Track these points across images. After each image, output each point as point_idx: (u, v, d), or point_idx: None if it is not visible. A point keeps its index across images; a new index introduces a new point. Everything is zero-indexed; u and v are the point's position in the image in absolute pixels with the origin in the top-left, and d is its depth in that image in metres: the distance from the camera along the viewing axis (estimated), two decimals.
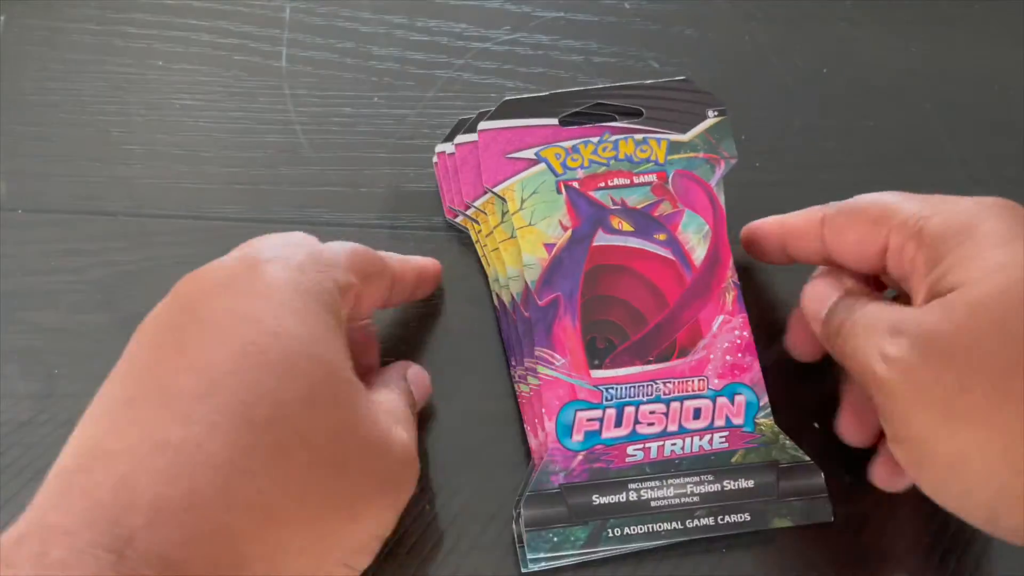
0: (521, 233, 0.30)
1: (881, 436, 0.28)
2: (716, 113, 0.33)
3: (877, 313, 0.25)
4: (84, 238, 0.34)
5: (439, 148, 0.33)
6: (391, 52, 0.37)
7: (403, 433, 0.24)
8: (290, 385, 0.20)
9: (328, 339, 0.22)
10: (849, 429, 0.29)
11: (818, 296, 0.28)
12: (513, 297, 0.30)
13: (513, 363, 0.30)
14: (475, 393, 0.31)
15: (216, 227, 0.34)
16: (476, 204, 0.32)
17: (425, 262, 0.31)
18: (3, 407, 0.31)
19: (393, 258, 0.28)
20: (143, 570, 0.18)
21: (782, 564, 0.29)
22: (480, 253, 0.32)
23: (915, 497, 0.29)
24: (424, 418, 0.31)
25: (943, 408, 0.22)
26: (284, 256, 0.23)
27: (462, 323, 0.32)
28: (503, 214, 0.31)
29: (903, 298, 0.27)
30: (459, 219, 0.33)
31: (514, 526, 0.28)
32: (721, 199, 0.32)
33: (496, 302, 0.32)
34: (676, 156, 0.32)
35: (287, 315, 0.21)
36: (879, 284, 0.29)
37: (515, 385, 0.30)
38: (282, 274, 0.22)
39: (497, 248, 0.31)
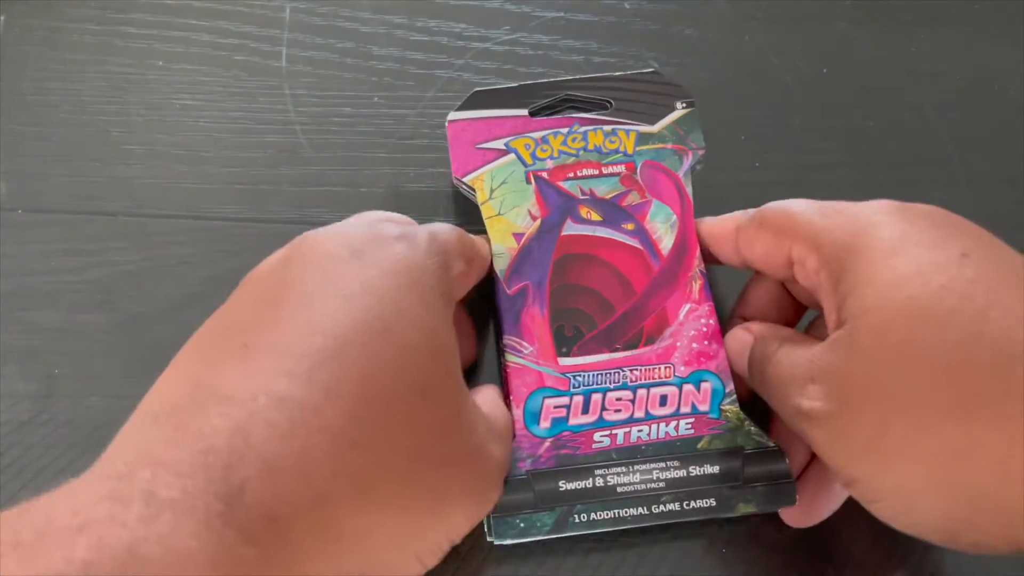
0: (490, 223, 0.31)
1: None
2: (684, 105, 0.33)
3: (789, 360, 0.24)
4: (84, 238, 0.34)
5: (450, 117, 0.33)
6: (391, 52, 0.37)
7: (497, 451, 0.24)
8: (409, 370, 0.20)
9: (447, 331, 0.22)
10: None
11: (735, 349, 0.28)
12: (496, 273, 0.31)
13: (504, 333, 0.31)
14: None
15: (216, 227, 0.34)
16: (466, 180, 0.32)
17: (484, 242, 0.30)
18: (3, 407, 0.31)
19: (477, 240, 0.29)
20: (250, 524, 0.17)
21: (783, 564, 0.29)
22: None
23: None
24: None
25: (870, 449, 0.21)
26: (409, 235, 0.23)
27: (459, 324, 0.32)
28: (491, 191, 0.32)
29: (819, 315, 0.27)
30: (463, 186, 0.33)
31: None
32: (689, 190, 0.32)
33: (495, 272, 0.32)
34: (644, 147, 0.32)
35: (414, 298, 0.21)
36: (795, 305, 0.30)
37: (503, 357, 0.30)
38: (411, 255, 0.22)
39: (487, 221, 0.32)
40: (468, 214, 0.34)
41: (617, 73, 0.34)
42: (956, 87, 0.37)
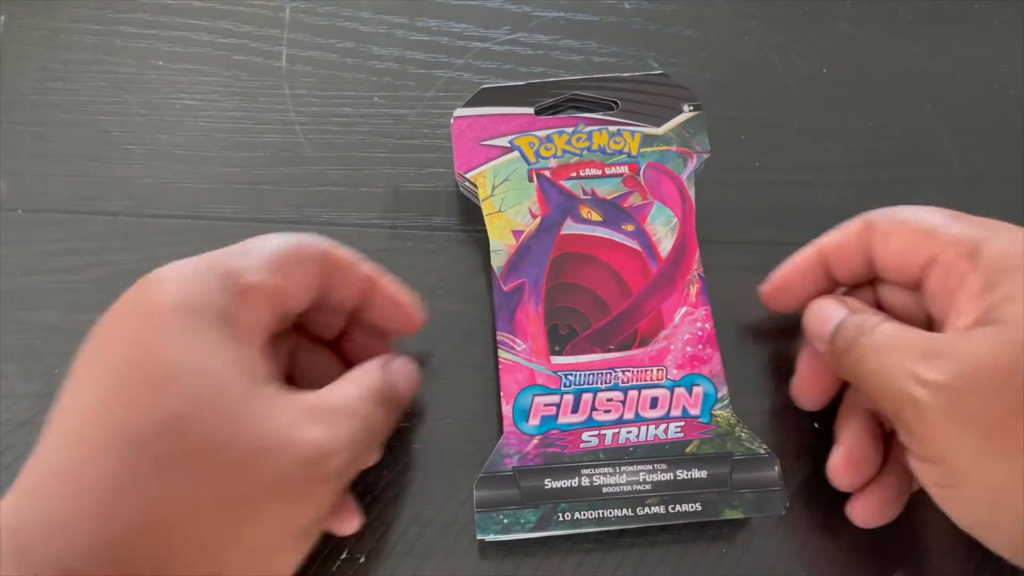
0: (490, 219, 0.31)
1: (874, 472, 0.28)
2: (691, 108, 0.33)
3: (901, 333, 0.25)
4: (84, 238, 0.34)
5: (456, 113, 0.33)
6: (391, 52, 0.37)
7: (316, 431, 0.23)
8: (168, 400, 0.21)
9: (212, 351, 0.22)
10: (804, 391, 0.29)
11: (823, 315, 0.28)
12: (494, 270, 0.31)
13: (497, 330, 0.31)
14: (467, 394, 0.31)
15: (216, 227, 0.34)
16: (469, 176, 0.32)
17: (386, 282, 0.28)
18: (3, 407, 0.31)
19: (335, 254, 0.27)
20: (43, 571, 0.19)
21: (782, 564, 0.29)
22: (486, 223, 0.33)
23: (915, 501, 0.29)
24: (416, 420, 0.31)
25: (988, 436, 0.22)
26: (175, 274, 0.24)
27: (461, 323, 0.32)
28: (493, 188, 0.32)
29: (909, 322, 0.27)
30: (465, 184, 0.33)
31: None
32: (692, 193, 0.32)
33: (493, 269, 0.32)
34: (649, 149, 0.32)
35: (170, 334, 0.22)
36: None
37: (498, 352, 0.30)
38: (168, 295, 0.23)
39: (488, 217, 0.32)
40: (468, 214, 0.34)
41: (625, 74, 0.34)
42: (956, 87, 0.37)
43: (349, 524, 0.27)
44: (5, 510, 0.21)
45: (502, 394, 0.29)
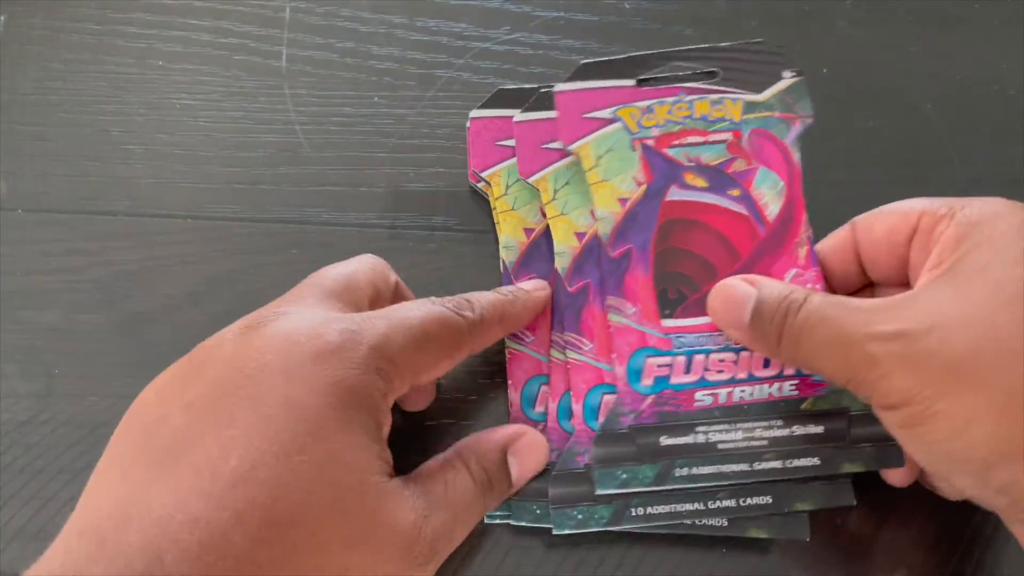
0: (595, 188, 0.31)
1: None
2: (793, 74, 0.33)
3: (837, 300, 0.25)
4: (84, 238, 0.34)
5: (473, 114, 0.34)
6: (391, 52, 0.37)
7: (425, 533, 0.24)
8: (318, 490, 0.22)
9: (363, 445, 0.23)
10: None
11: (731, 298, 0.28)
12: (506, 264, 0.31)
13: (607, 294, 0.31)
14: (474, 389, 0.31)
15: (216, 227, 0.34)
16: (484, 175, 0.33)
17: (526, 310, 0.29)
18: (3, 407, 0.31)
19: (482, 322, 0.27)
20: None
21: (782, 564, 0.29)
22: (495, 220, 0.33)
23: (917, 499, 0.29)
24: (426, 428, 0.31)
25: (948, 372, 0.22)
26: (348, 347, 0.23)
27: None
28: (507, 187, 0.33)
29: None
30: (480, 184, 0.34)
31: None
32: (797, 158, 0.32)
33: (502, 267, 0.32)
34: (751, 115, 0.32)
35: (333, 418, 0.22)
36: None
37: (608, 316, 0.31)
38: (341, 372, 0.23)
39: (501, 215, 0.33)
40: (468, 214, 0.34)
41: (723, 43, 0.34)
42: (956, 87, 0.37)
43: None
44: (133, 557, 0.20)
45: (614, 356, 0.29)
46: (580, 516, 0.27)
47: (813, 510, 0.28)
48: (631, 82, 0.33)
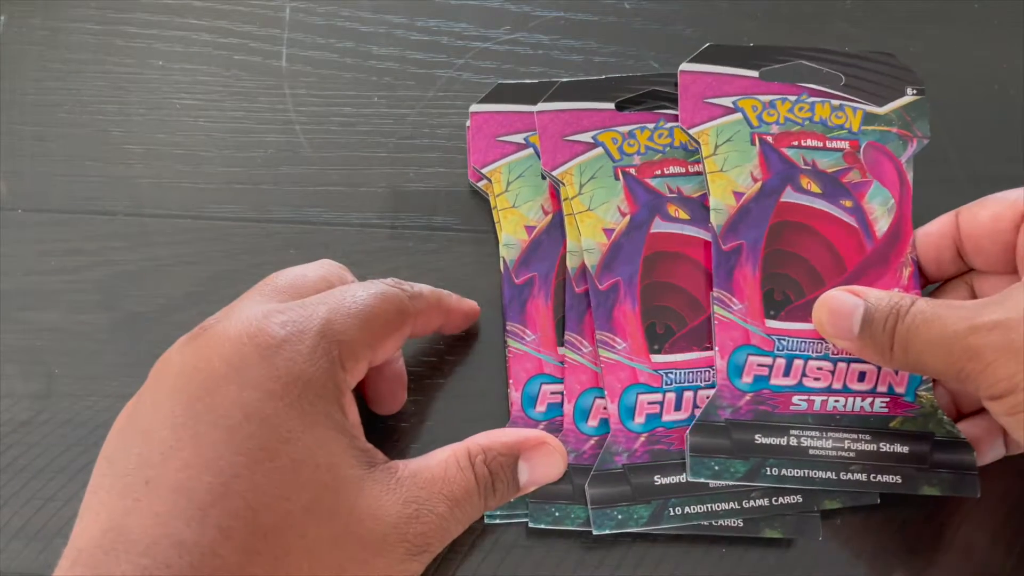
0: (580, 218, 0.31)
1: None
2: (915, 92, 0.33)
3: (941, 303, 0.26)
4: (84, 238, 0.34)
5: (473, 108, 0.33)
6: (391, 52, 0.37)
7: (412, 528, 0.24)
8: (295, 494, 0.22)
9: (331, 439, 0.23)
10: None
11: (841, 311, 0.28)
12: (506, 262, 0.31)
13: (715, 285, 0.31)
14: (473, 392, 0.31)
15: (216, 227, 0.34)
16: (484, 171, 0.32)
17: (454, 305, 0.30)
18: (3, 407, 0.31)
19: (421, 296, 0.28)
20: None
21: (782, 564, 0.29)
22: (496, 218, 0.33)
23: (916, 500, 0.29)
24: (417, 420, 0.31)
25: None
26: (292, 339, 0.23)
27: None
28: (507, 184, 0.32)
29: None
30: (481, 183, 0.33)
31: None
32: (910, 176, 0.32)
33: (502, 265, 0.32)
34: (871, 127, 0.32)
35: (295, 418, 0.22)
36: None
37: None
38: (292, 367, 0.23)
39: (502, 212, 0.32)
40: (468, 214, 0.34)
41: (852, 50, 0.34)
42: (956, 87, 0.37)
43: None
44: None
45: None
46: (717, 467, 0.28)
47: (837, 508, 0.29)
48: (755, 73, 0.33)
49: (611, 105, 0.33)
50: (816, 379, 0.29)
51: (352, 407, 0.25)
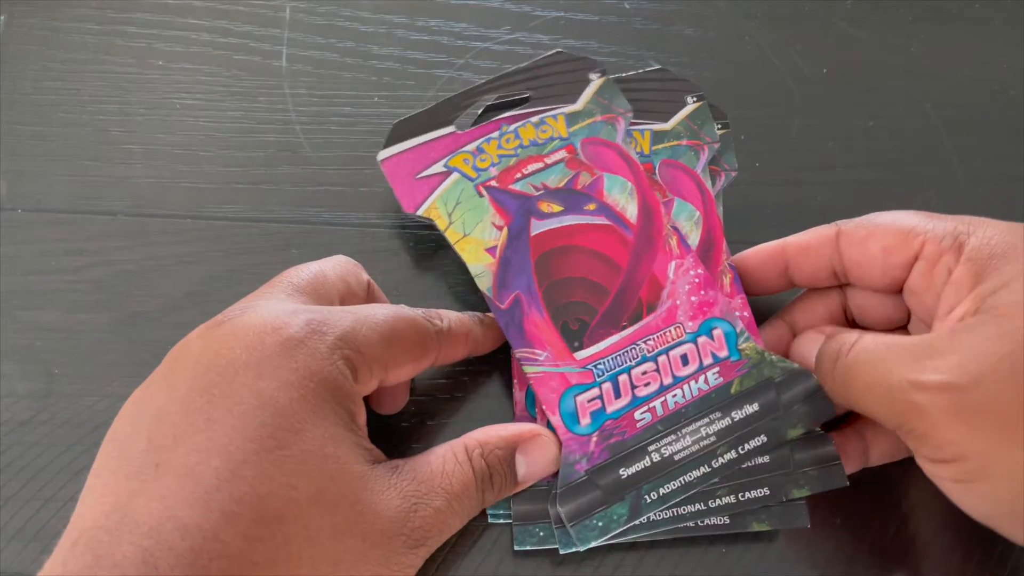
0: (460, 246, 0.31)
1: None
2: (695, 99, 0.33)
3: (885, 342, 0.25)
4: (84, 238, 0.34)
5: (380, 156, 0.32)
6: (391, 52, 0.37)
7: (412, 520, 0.24)
8: (302, 483, 0.22)
9: (339, 436, 0.23)
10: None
11: (805, 352, 0.28)
12: (484, 293, 0.31)
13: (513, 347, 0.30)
14: (474, 393, 0.31)
15: (216, 227, 0.34)
16: (420, 213, 0.31)
17: (487, 334, 0.30)
18: (3, 407, 0.31)
19: (449, 332, 0.28)
20: None
21: (781, 563, 0.29)
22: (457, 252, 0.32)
23: (918, 497, 0.29)
24: (418, 420, 0.31)
25: (1004, 426, 0.22)
26: (314, 338, 0.23)
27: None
28: (448, 216, 0.31)
29: (882, 324, 0.29)
30: (420, 211, 0.32)
31: (551, 509, 0.28)
32: (708, 184, 0.32)
33: (484, 296, 0.31)
34: (661, 145, 0.32)
35: (307, 411, 0.22)
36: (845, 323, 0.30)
37: (524, 368, 0.30)
38: (310, 363, 0.23)
39: (457, 245, 0.31)
40: None
41: (626, 73, 0.33)
42: (956, 87, 0.37)
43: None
44: (127, 567, 0.20)
45: (544, 407, 0.29)
46: (600, 523, 0.27)
47: (810, 495, 0.28)
48: (451, 128, 0.32)
49: (452, 128, 0.32)
50: (646, 384, 0.29)
51: (361, 411, 0.25)
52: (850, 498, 0.29)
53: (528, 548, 0.28)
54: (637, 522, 0.27)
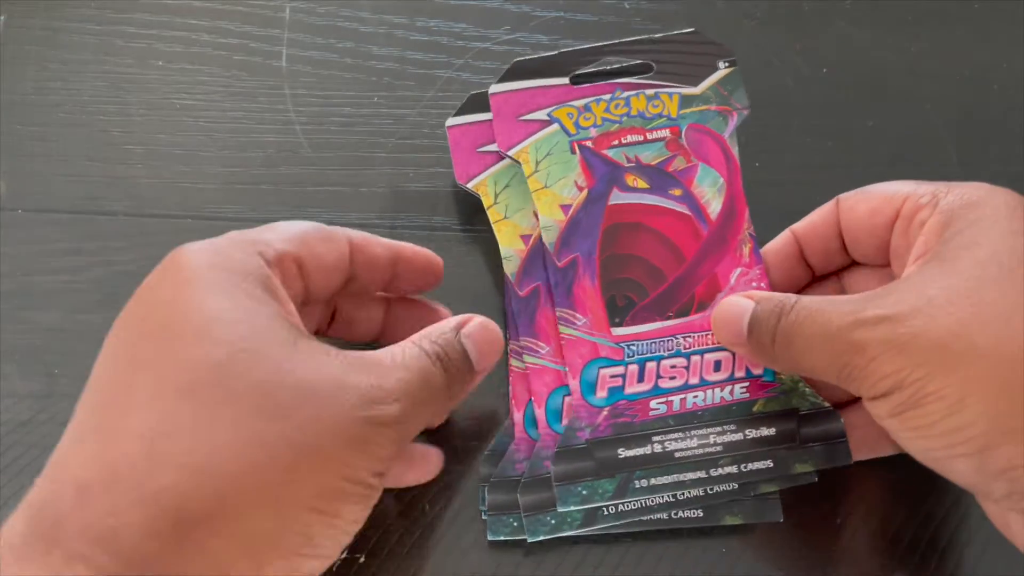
0: (537, 195, 0.31)
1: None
2: (727, 64, 0.33)
3: (826, 299, 0.25)
4: (84, 238, 0.34)
5: (449, 122, 0.33)
6: (391, 52, 0.37)
7: (364, 378, 0.22)
8: (206, 350, 0.21)
9: (249, 303, 0.22)
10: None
11: (730, 316, 0.27)
12: (508, 276, 0.31)
13: (510, 338, 0.31)
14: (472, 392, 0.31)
15: (216, 227, 0.34)
16: (470, 185, 0.32)
17: (406, 247, 0.29)
18: (3, 407, 0.31)
19: (360, 234, 0.27)
20: (79, 547, 0.19)
21: (781, 561, 0.29)
22: (494, 230, 0.32)
23: (916, 500, 0.29)
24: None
25: (941, 350, 0.22)
26: (203, 244, 0.24)
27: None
28: (495, 195, 0.32)
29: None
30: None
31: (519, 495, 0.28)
32: (735, 151, 0.32)
33: (506, 280, 0.31)
34: (688, 110, 0.32)
35: (203, 291, 0.22)
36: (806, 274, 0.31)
37: (508, 359, 0.30)
38: (198, 257, 0.23)
39: (496, 225, 0.32)
40: (468, 214, 0.34)
41: (657, 35, 0.33)
42: (956, 87, 0.37)
43: (426, 472, 0.28)
44: (32, 494, 0.20)
45: (568, 369, 0.29)
46: (585, 492, 0.27)
47: (780, 490, 0.28)
48: (565, 80, 0.32)
49: (566, 80, 0.32)
50: (672, 378, 0.29)
51: (283, 292, 0.24)
52: (851, 496, 0.29)
53: (502, 539, 0.28)
54: (608, 512, 0.27)
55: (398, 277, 0.28)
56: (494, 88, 0.32)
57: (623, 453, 0.28)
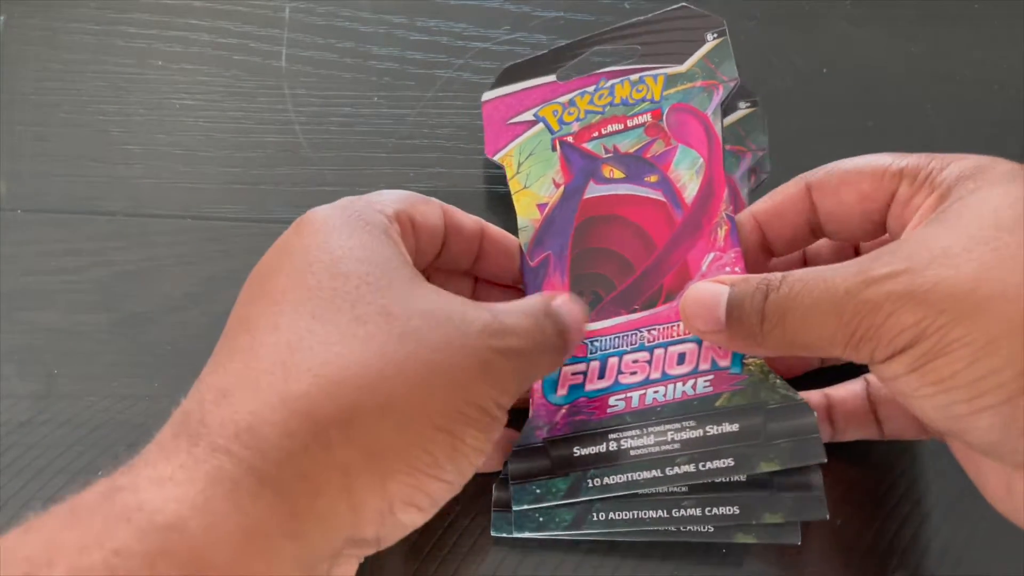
0: (517, 197, 0.31)
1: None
2: (715, 35, 0.31)
3: (819, 269, 0.24)
4: (84, 238, 0.34)
5: (484, 96, 0.33)
6: (391, 52, 0.37)
7: (487, 313, 0.23)
8: (339, 282, 0.22)
9: (374, 244, 0.24)
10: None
11: (704, 301, 0.26)
12: (521, 247, 0.31)
13: None
14: None
15: (216, 227, 0.34)
16: (496, 158, 0.32)
17: (491, 226, 0.29)
18: (3, 407, 0.31)
19: (449, 205, 0.29)
20: (221, 442, 0.20)
21: (782, 562, 0.29)
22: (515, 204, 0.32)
23: (915, 500, 0.29)
24: None
25: (958, 302, 0.21)
26: (329, 205, 0.26)
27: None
28: (518, 165, 0.32)
29: None
30: (497, 157, 0.33)
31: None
32: (718, 128, 0.30)
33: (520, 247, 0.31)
34: (672, 90, 0.31)
35: (333, 235, 0.24)
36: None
37: None
38: (327, 211, 0.25)
39: (516, 196, 0.32)
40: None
41: (643, 16, 0.32)
42: (956, 87, 0.37)
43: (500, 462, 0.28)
44: (178, 408, 0.22)
45: None
46: (538, 491, 0.27)
47: (780, 469, 0.26)
48: (552, 77, 0.32)
49: (554, 77, 0.32)
50: (632, 373, 0.28)
51: (400, 239, 0.25)
52: (849, 497, 0.29)
53: (505, 535, 0.28)
54: (597, 518, 0.27)
55: (483, 256, 0.29)
56: (486, 96, 0.32)
57: (578, 452, 0.27)
